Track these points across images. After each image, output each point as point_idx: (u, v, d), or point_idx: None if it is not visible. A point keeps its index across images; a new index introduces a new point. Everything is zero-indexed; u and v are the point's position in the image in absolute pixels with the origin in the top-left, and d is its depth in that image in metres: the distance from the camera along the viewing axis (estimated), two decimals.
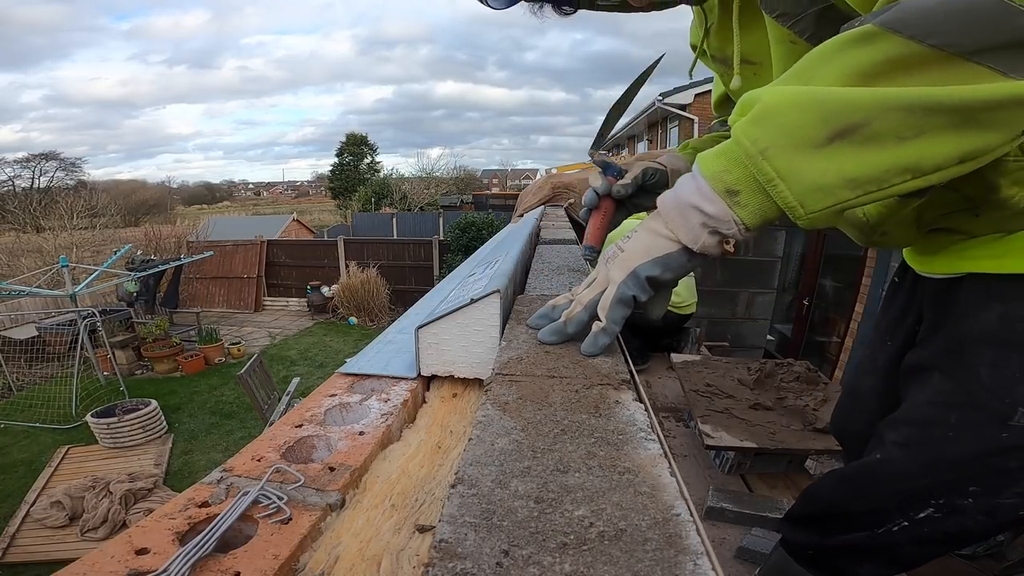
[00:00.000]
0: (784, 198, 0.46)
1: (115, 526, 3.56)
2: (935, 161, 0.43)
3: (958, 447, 0.66)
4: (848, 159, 0.43)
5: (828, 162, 0.44)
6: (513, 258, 0.93)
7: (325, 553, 0.38)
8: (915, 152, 0.42)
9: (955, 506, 0.66)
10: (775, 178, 0.46)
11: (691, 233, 0.53)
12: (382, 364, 0.70)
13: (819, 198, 0.45)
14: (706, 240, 0.52)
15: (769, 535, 1.26)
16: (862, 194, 0.44)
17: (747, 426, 1.47)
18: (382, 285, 9.40)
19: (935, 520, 0.68)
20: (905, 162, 0.43)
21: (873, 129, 0.42)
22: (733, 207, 0.50)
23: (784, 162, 0.45)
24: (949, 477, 0.67)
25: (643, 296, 0.57)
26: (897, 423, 0.74)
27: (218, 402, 6.03)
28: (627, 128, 17.85)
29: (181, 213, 30.48)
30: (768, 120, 0.47)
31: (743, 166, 0.48)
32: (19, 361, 6.64)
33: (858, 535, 0.75)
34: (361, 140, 33.25)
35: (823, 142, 0.44)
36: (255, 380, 4.24)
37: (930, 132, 0.42)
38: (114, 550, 0.35)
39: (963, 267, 0.69)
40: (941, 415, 0.68)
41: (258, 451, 0.48)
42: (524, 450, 0.40)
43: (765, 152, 0.46)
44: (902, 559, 0.74)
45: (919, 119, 0.42)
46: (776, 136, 0.46)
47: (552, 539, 0.30)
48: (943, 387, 0.69)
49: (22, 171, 29.19)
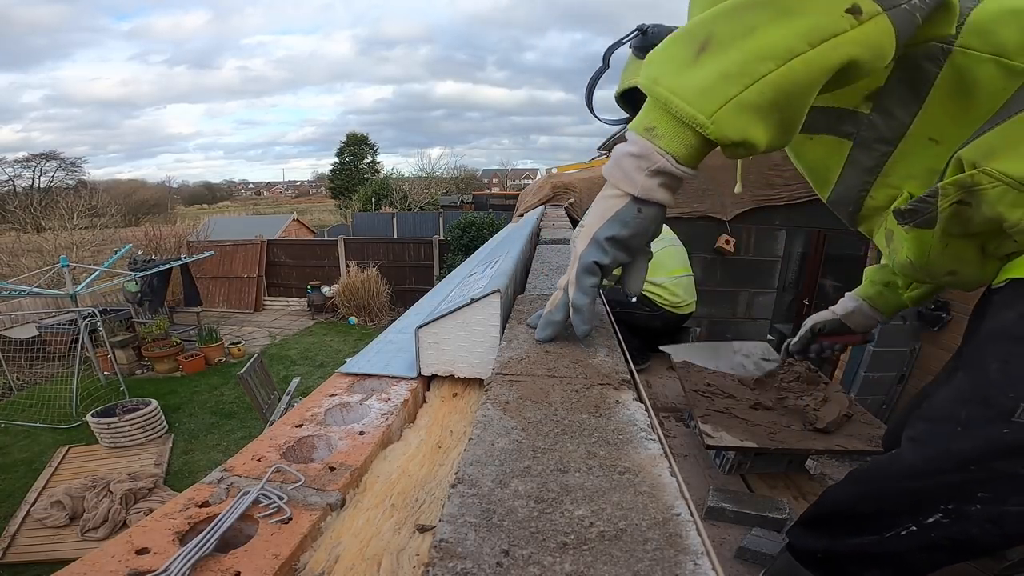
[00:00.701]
0: (683, 111, 0.53)
1: (115, 526, 3.56)
2: (782, 47, 0.50)
3: (962, 442, 0.66)
4: (715, 62, 0.52)
5: (703, 69, 0.52)
6: (513, 258, 0.93)
7: (325, 553, 0.38)
8: (759, 43, 0.51)
9: (963, 512, 0.66)
10: (670, 96, 0.53)
11: (629, 180, 0.57)
12: (382, 364, 0.70)
13: (709, 98, 0.52)
14: (644, 182, 0.56)
15: (769, 535, 1.26)
16: (741, 85, 0.51)
17: (747, 426, 1.47)
18: (382, 285, 9.40)
19: (943, 526, 0.67)
20: (756, 52, 0.51)
21: (718, 36, 0.52)
22: (653, 140, 0.56)
23: (671, 81, 0.54)
24: (955, 478, 0.66)
25: (605, 259, 0.59)
26: (915, 420, 0.75)
27: (218, 402, 6.03)
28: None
29: (181, 213, 30.46)
30: (655, 58, 0.57)
31: (651, 103, 0.56)
32: (19, 361, 6.64)
33: (867, 539, 0.74)
34: (361, 140, 33.23)
35: (693, 58, 0.53)
36: (255, 380, 4.24)
37: (761, 26, 0.51)
38: (114, 550, 0.35)
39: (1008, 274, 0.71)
40: (954, 411, 0.68)
41: (258, 451, 0.48)
42: (524, 450, 0.40)
43: (657, 80, 0.55)
44: (908, 566, 0.73)
45: (745, 19, 0.51)
46: (661, 66, 0.55)
47: (552, 539, 0.30)
48: (961, 384, 0.70)
49: (22, 171, 29.19)
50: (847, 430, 1.45)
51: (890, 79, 0.71)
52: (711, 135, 0.53)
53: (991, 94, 0.65)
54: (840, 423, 1.45)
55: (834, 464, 1.72)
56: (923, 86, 0.69)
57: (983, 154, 0.64)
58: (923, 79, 0.68)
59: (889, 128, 0.73)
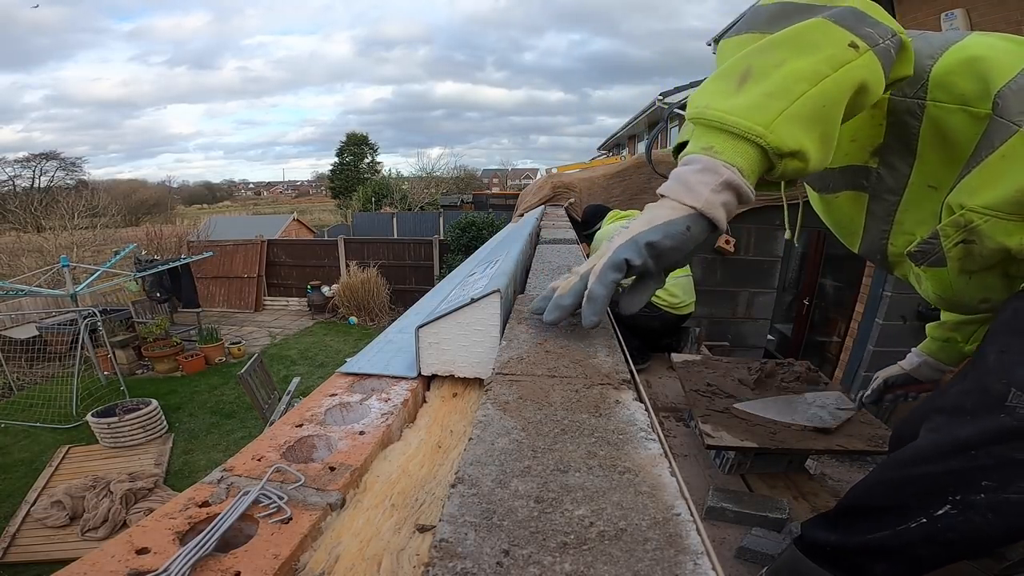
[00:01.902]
0: (740, 125, 0.58)
1: (115, 526, 3.56)
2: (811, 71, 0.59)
3: (967, 428, 0.70)
4: (758, 87, 0.59)
5: (748, 93, 0.59)
6: (513, 258, 0.93)
7: (325, 553, 0.38)
8: (792, 69, 0.59)
9: (969, 502, 0.68)
10: (724, 115, 0.59)
11: (693, 193, 0.59)
12: (382, 364, 0.70)
13: (762, 112, 0.58)
14: (709, 196, 0.58)
15: (769, 535, 1.26)
16: (787, 101, 0.58)
17: (748, 426, 1.47)
18: (382, 285, 9.39)
19: (950, 518, 0.70)
20: (792, 76, 0.59)
21: (756, 68, 0.60)
22: (715, 156, 0.59)
23: (722, 104, 0.60)
24: (958, 463, 0.69)
25: (636, 260, 0.59)
26: (931, 413, 0.79)
27: (218, 402, 6.03)
28: (627, 128, 17.86)
29: (181, 213, 30.44)
30: (700, 95, 0.63)
31: (702, 130, 0.61)
32: (20, 361, 6.63)
33: (880, 534, 0.77)
34: (361, 140, 33.19)
35: (736, 88, 0.60)
36: (255, 380, 4.24)
37: (790, 59, 0.60)
38: (114, 550, 0.35)
39: None
40: (962, 401, 0.73)
41: (258, 451, 0.48)
42: (524, 450, 0.40)
43: (708, 106, 0.60)
44: (917, 560, 0.75)
45: (775, 55, 0.61)
46: (709, 97, 0.61)
47: (552, 539, 0.30)
48: (969, 376, 0.76)
49: (23, 171, 29.15)
50: (847, 430, 1.45)
51: (887, 136, 0.81)
52: (771, 143, 0.57)
53: (966, 139, 0.74)
54: (840, 423, 1.45)
55: (834, 464, 1.72)
56: (912, 139, 0.79)
57: (967, 194, 0.73)
58: (910, 133, 0.78)
59: (893, 179, 0.83)
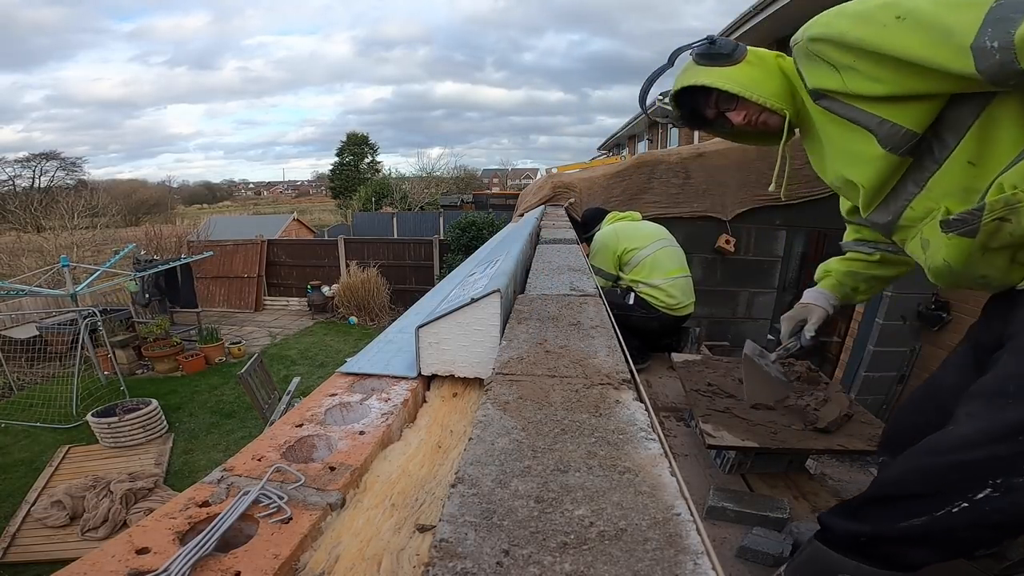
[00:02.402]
0: None
1: (116, 526, 3.56)
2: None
3: (1012, 412, 0.72)
4: None
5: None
6: (514, 258, 0.93)
7: (325, 553, 0.38)
8: None
9: (1012, 485, 0.70)
10: None
11: None
12: (382, 364, 0.70)
13: None
14: None
15: (770, 535, 1.26)
16: None
17: (748, 425, 1.47)
18: (382, 285, 9.39)
19: (993, 500, 0.72)
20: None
21: None
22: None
23: None
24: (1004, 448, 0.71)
25: None
26: (968, 398, 0.81)
27: (218, 402, 6.03)
28: (627, 128, 17.85)
29: (181, 213, 30.40)
30: None
31: None
32: (20, 361, 6.63)
33: (918, 520, 0.78)
34: (361, 140, 33.14)
35: None
36: (255, 380, 4.24)
37: None
38: (115, 549, 0.35)
39: None
40: (1004, 386, 0.76)
41: (258, 451, 0.48)
42: (524, 450, 0.40)
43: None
44: (959, 543, 0.77)
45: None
46: None
47: (552, 538, 0.30)
48: (1008, 363, 0.79)
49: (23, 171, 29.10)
50: (848, 430, 1.45)
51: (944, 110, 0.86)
52: None
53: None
54: (840, 423, 1.45)
55: (834, 464, 1.72)
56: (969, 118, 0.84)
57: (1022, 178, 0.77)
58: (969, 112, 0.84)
59: (939, 149, 0.88)
